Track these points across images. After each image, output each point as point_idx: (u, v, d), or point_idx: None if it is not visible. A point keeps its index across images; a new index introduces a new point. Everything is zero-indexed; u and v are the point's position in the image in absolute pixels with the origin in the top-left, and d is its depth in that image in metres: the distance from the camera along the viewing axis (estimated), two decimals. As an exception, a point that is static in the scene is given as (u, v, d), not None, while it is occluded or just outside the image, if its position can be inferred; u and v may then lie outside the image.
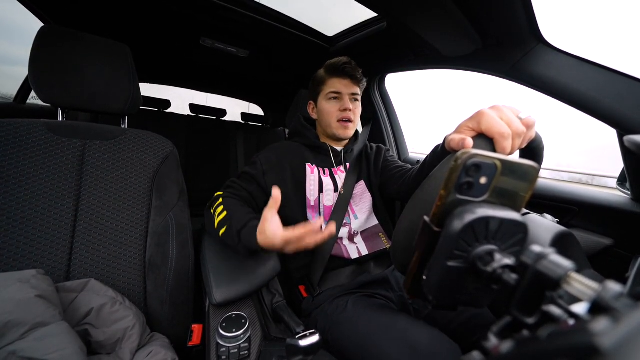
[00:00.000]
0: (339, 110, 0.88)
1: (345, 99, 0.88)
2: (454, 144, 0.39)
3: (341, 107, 0.88)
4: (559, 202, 0.87)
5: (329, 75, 0.90)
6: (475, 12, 0.75)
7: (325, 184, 0.89)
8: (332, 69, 0.89)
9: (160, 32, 1.35)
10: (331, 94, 0.89)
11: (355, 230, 0.89)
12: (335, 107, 0.89)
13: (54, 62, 0.74)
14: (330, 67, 0.90)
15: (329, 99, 0.89)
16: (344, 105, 0.87)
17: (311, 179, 0.87)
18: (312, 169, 0.89)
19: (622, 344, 0.11)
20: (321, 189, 0.88)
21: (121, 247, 0.75)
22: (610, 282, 0.16)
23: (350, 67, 0.87)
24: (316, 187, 0.87)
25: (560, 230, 0.40)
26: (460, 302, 0.26)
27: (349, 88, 0.88)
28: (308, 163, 0.90)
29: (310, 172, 0.88)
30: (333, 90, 0.88)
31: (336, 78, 0.89)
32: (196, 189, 2.02)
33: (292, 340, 0.48)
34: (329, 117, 0.90)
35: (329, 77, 0.90)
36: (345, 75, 0.88)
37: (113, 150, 0.79)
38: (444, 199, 0.24)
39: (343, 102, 0.88)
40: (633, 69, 0.66)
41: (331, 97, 0.89)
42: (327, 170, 0.92)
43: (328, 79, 0.90)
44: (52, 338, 0.48)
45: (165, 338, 0.71)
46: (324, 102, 0.91)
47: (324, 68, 0.93)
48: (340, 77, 0.88)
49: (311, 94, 0.97)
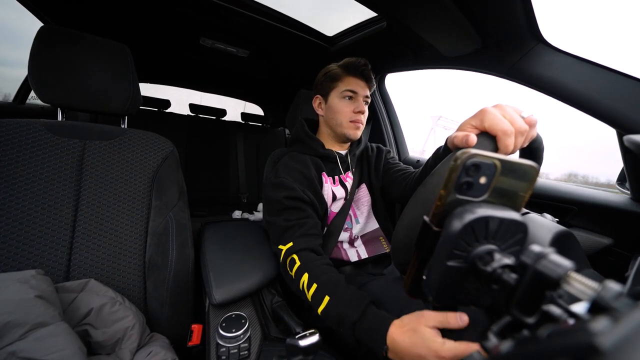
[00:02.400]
0: (353, 111, 0.85)
1: (360, 100, 0.86)
2: (458, 141, 0.40)
3: (356, 109, 0.85)
4: (558, 202, 0.87)
5: (346, 73, 0.86)
6: (474, 12, 0.75)
7: (337, 193, 0.86)
8: (351, 68, 0.86)
9: (160, 32, 1.35)
10: (347, 92, 0.85)
11: (355, 235, 0.89)
12: (349, 107, 0.85)
13: (54, 62, 0.74)
14: (348, 65, 0.86)
15: (343, 97, 0.86)
16: (359, 107, 0.85)
17: (325, 188, 0.86)
18: (326, 178, 0.87)
19: (622, 344, 0.11)
20: (334, 198, 0.86)
21: (121, 247, 0.75)
22: (609, 282, 0.16)
23: (367, 70, 0.85)
24: (329, 196, 0.85)
25: (559, 229, 0.40)
26: (460, 302, 0.26)
27: (364, 90, 0.86)
28: (323, 172, 0.87)
29: (325, 182, 0.86)
30: (350, 88, 0.85)
31: (353, 77, 0.86)
32: (196, 189, 2.03)
33: (291, 340, 0.48)
34: (340, 116, 0.86)
35: (346, 75, 0.86)
36: (362, 76, 0.86)
37: (113, 150, 0.79)
38: (444, 199, 0.24)
39: (358, 104, 0.85)
40: (633, 69, 0.66)
41: (346, 95, 0.85)
42: (337, 178, 0.89)
43: (345, 77, 0.86)
44: (51, 338, 0.48)
45: (165, 338, 0.71)
46: (337, 100, 0.86)
47: (340, 65, 0.88)
48: (357, 78, 0.86)
49: (320, 89, 0.91)
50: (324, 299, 0.60)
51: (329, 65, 0.91)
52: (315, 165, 0.86)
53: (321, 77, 0.91)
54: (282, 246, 0.72)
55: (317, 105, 0.93)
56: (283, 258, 0.72)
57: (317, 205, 0.80)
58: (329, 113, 0.89)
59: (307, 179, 0.82)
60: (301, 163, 0.85)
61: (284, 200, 0.76)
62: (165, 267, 0.75)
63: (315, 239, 0.74)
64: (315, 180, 0.82)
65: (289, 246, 0.71)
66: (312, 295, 0.62)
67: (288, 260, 0.70)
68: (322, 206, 0.82)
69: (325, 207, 0.84)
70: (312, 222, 0.76)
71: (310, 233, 0.73)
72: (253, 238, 0.93)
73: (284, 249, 0.71)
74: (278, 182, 0.80)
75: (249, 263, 0.81)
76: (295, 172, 0.82)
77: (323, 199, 0.83)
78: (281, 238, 0.73)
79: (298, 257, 0.69)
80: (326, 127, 0.92)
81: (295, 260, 0.68)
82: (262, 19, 1.13)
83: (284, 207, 0.76)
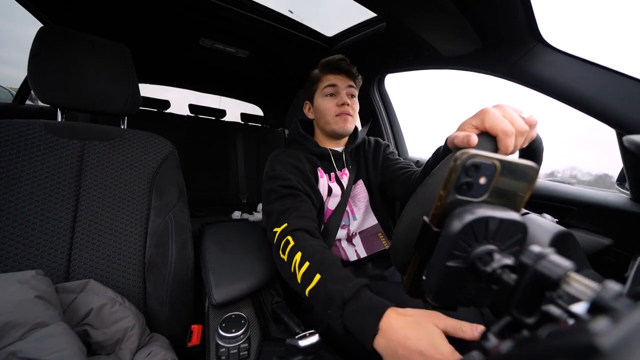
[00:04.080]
0: (336, 105, 0.86)
1: (342, 93, 0.86)
2: (458, 141, 0.40)
3: (338, 102, 0.85)
4: (558, 202, 0.87)
5: (323, 72, 0.88)
6: (474, 12, 0.75)
7: (333, 189, 0.87)
8: (327, 66, 0.88)
9: (160, 33, 1.35)
10: (328, 89, 0.86)
11: (353, 232, 0.88)
12: (332, 102, 0.86)
13: (53, 62, 0.74)
14: (325, 64, 0.89)
15: (325, 95, 0.87)
16: (342, 99, 0.85)
17: (321, 183, 0.86)
18: (322, 173, 0.88)
19: (622, 344, 0.11)
20: (330, 192, 0.87)
21: (120, 247, 0.75)
22: (609, 282, 0.16)
23: (345, 63, 0.86)
24: (325, 191, 0.86)
25: (559, 230, 0.40)
26: (460, 302, 0.26)
27: (345, 82, 0.87)
28: (319, 168, 0.88)
29: (320, 176, 0.87)
30: (329, 83, 0.86)
31: (331, 74, 0.87)
32: (196, 190, 2.02)
33: (291, 340, 0.48)
34: (326, 114, 0.87)
35: (324, 73, 0.88)
36: (340, 70, 0.87)
37: (112, 150, 0.79)
38: (444, 199, 0.24)
39: (340, 97, 0.85)
40: (633, 69, 0.66)
41: (327, 92, 0.87)
42: (333, 175, 0.90)
43: (323, 76, 0.88)
44: (51, 339, 0.48)
45: (164, 338, 0.71)
46: (320, 99, 0.88)
47: (318, 67, 0.91)
48: (335, 73, 0.87)
49: (307, 94, 0.95)
50: (314, 277, 0.54)
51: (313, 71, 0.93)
52: (310, 161, 0.88)
53: (306, 83, 0.95)
54: (276, 228, 0.69)
55: (307, 111, 0.96)
56: (277, 240, 0.68)
57: (312, 195, 0.81)
58: (317, 114, 0.91)
59: (302, 172, 0.83)
60: (295, 158, 0.86)
61: (280, 188, 0.77)
62: (165, 268, 0.75)
63: (310, 221, 0.72)
64: (309, 174, 0.84)
65: (283, 227, 0.68)
66: (302, 274, 0.57)
67: (282, 242, 0.66)
68: (318, 200, 0.83)
69: (321, 201, 0.84)
70: (308, 206, 0.76)
71: (305, 215, 0.72)
72: (253, 238, 0.92)
73: (279, 230, 0.68)
74: (274, 175, 0.81)
75: (249, 263, 0.81)
76: (290, 166, 0.84)
77: (319, 192, 0.84)
78: (277, 222, 0.71)
79: (292, 238, 0.65)
80: (318, 128, 0.94)
81: (290, 241, 0.65)
82: (262, 20, 1.13)
83: (280, 195, 0.77)
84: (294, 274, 0.59)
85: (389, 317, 0.43)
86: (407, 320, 0.41)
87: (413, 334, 0.39)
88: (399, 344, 0.39)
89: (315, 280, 0.54)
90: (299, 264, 0.59)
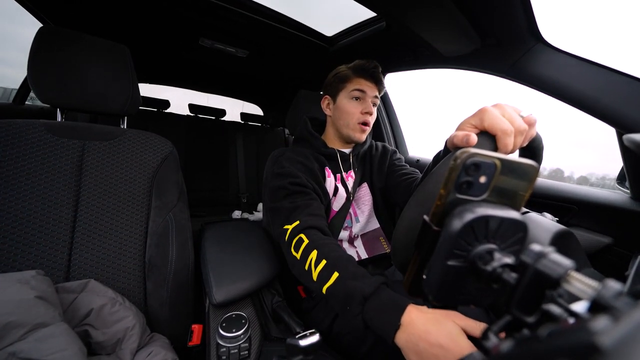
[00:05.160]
0: (360, 112, 0.85)
1: (368, 101, 0.86)
2: (458, 141, 0.40)
3: (363, 110, 0.85)
4: (558, 201, 0.87)
5: (355, 74, 0.87)
6: (474, 12, 0.75)
7: (339, 189, 0.87)
8: (360, 69, 0.87)
9: (160, 33, 1.35)
10: (355, 92, 0.86)
11: (355, 234, 0.89)
12: (357, 107, 0.86)
13: (53, 62, 0.74)
14: (358, 67, 0.87)
15: (352, 98, 0.86)
16: (367, 108, 0.85)
17: (328, 182, 0.86)
18: (329, 172, 0.88)
19: (622, 343, 0.11)
20: (336, 192, 0.87)
21: (121, 247, 0.75)
22: (610, 281, 0.16)
23: (377, 72, 0.86)
24: (332, 189, 0.86)
25: (559, 229, 0.40)
26: (460, 301, 0.26)
27: (373, 91, 0.87)
28: (327, 167, 0.88)
29: (327, 176, 0.87)
30: (358, 87, 0.85)
31: (363, 78, 0.86)
32: (196, 189, 2.03)
33: (292, 340, 0.48)
34: (348, 117, 0.87)
35: (356, 76, 0.87)
36: (372, 78, 0.86)
37: (112, 150, 0.79)
38: (444, 198, 0.24)
39: (366, 105, 0.86)
40: (633, 69, 0.66)
41: (354, 96, 0.86)
42: (339, 176, 0.90)
43: (354, 78, 0.87)
44: (52, 339, 0.48)
45: (165, 338, 0.71)
46: (346, 100, 0.87)
47: (350, 67, 0.89)
48: (367, 79, 0.86)
49: (329, 90, 0.92)
50: (332, 275, 0.56)
51: (340, 66, 0.92)
52: (318, 160, 0.88)
53: (331, 77, 0.92)
54: (287, 226, 0.69)
55: (325, 106, 0.94)
56: (288, 238, 0.68)
57: (320, 194, 0.81)
58: (336, 113, 0.90)
59: (310, 170, 0.83)
60: (303, 156, 0.86)
61: (289, 185, 0.76)
62: (165, 267, 0.75)
63: (321, 219, 0.72)
64: (317, 172, 0.83)
65: (295, 224, 0.68)
66: (319, 272, 0.58)
67: (295, 240, 0.66)
68: (325, 199, 0.83)
69: (328, 199, 0.84)
70: (318, 204, 0.76)
71: (316, 213, 0.72)
72: (253, 238, 0.93)
73: (290, 227, 0.68)
74: (282, 172, 0.80)
75: (249, 263, 0.81)
76: (298, 163, 0.83)
77: (326, 190, 0.84)
78: (287, 219, 0.71)
79: (306, 236, 0.65)
80: (332, 127, 0.93)
81: (303, 239, 0.65)
82: (261, 19, 1.13)
83: (289, 192, 0.76)
84: (309, 272, 0.60)
85: (410, 313, 0.45)
86: (428, 317, 0.44)
87: (434, 329, 0.41)
88: (421, 338, 0.42)
89: (333, 277, 0.56)
90: (315, 262, 0.60)
